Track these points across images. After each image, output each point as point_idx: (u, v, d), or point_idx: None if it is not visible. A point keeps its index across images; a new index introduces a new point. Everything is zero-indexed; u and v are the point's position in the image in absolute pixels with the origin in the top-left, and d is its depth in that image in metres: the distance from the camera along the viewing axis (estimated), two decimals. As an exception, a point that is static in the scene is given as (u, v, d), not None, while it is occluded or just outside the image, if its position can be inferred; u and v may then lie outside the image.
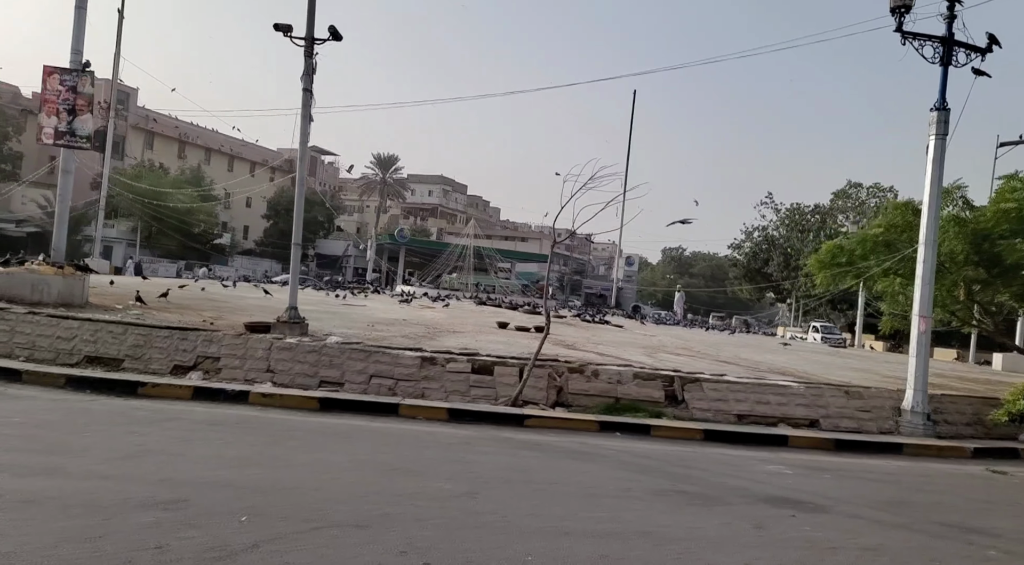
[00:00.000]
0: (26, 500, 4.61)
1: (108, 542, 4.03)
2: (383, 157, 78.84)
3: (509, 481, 6.33)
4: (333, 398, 9.37)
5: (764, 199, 59.97)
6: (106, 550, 3.91)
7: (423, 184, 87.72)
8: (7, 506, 4.48)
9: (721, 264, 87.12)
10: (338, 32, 11.34)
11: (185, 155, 61.94)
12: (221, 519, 4.59)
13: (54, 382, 9.24)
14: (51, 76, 13.29)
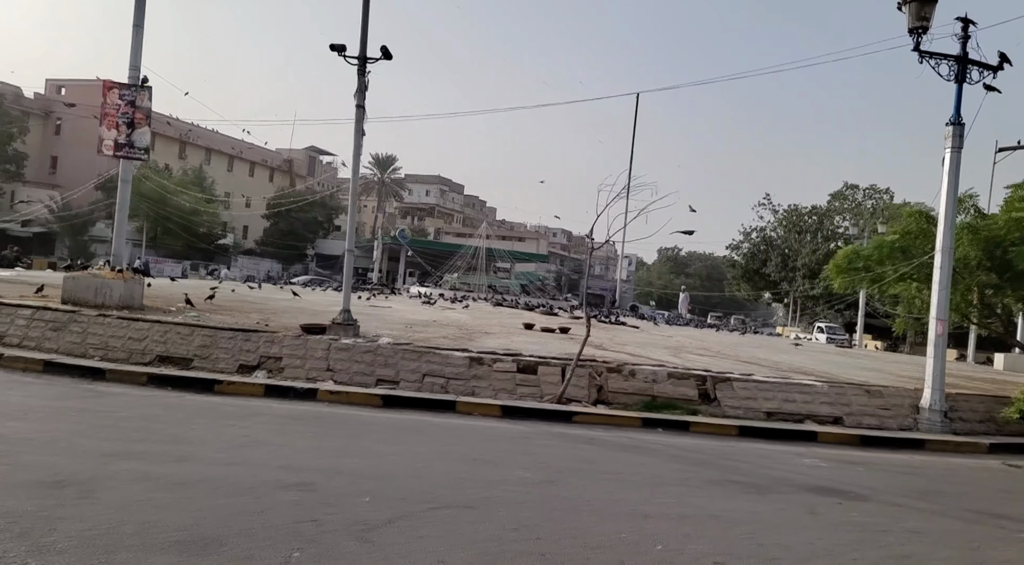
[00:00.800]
0: (179, 482, 5.19)
1: (270, 516, 4.60)
2: (382, 157, 79.07)
3: (579, 471, 6.90)
4: (395, 395, 9.94)
5: (762, 200, 60.56)
6: (273, 522, 4.49)
7: (420, 184, 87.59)
8: (166, 487, 5.05)
9: (717, 264, 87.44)
10: (389, 52, 11.91)
11: (186, 155, 61.94)
12: (349, 500, 5.16)
13: (136, 380, 9.80)
14: (111, 91, 13.85)
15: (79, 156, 52.61)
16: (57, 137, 54.99)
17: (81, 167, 52.13)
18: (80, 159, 52.47)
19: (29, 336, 11.43)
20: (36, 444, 5.95)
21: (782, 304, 64.27)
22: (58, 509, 4.39)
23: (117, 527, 4.18)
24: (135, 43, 13.89)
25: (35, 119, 52.96)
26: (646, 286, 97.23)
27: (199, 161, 61.60)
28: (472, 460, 6.94)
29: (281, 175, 73.08)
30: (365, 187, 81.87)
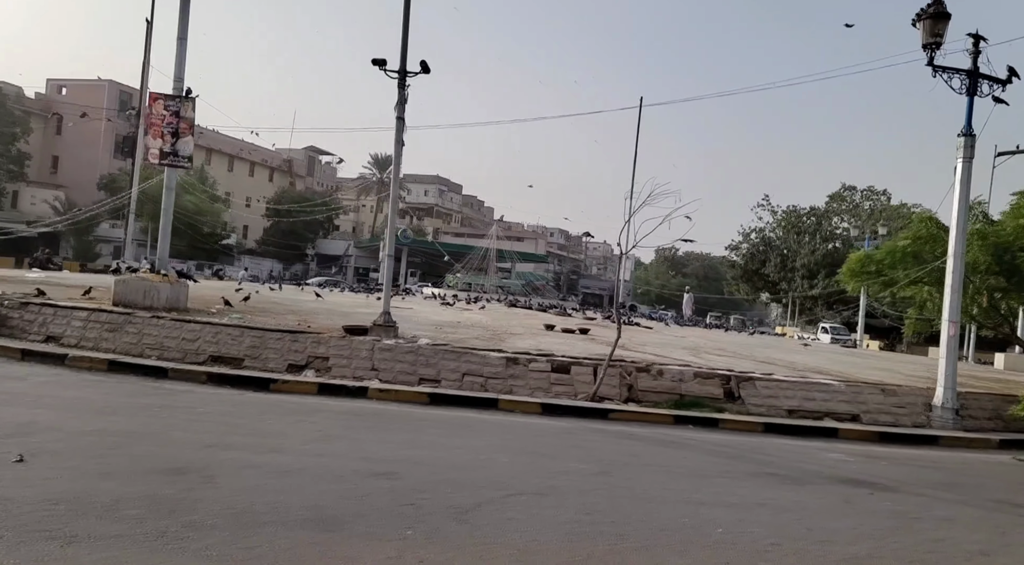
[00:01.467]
0: (283, 471, 5.68)
1: (372, 500, 5.10)
2: (381, 157, 79.29)
3: (628, 464, 7.38)
4: (440, 393, 10.43)
5: (761, 201, 60.93)
6: (377, 505, 4.99)
7: (419, 184, 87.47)
8: (273, 475, 5.54)
9: (714, 264, 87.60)
10: (427, 66, 12.40)
11: None
12: (433, 487, 5.64)
13: (197, 378, 10.30)
14: (156, 102, 14.35)
15: (80, 156, 53.13)
16: (58, 137, 55.00)
17: (82, 167, 52.59)
18: (81, 159, 53.03)
19: (86, 337, 11.92)
20: (139, 437, 6.44)
21: (780, 304, 64.67)
22: (191, 492, 4.89)
23: (249, 507, 4.67)
24: (179, 55, 14.38)
25: (36, 119, 52.84)
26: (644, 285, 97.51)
27: (200, 161, 61.94)
28: (528, 453, 7.42)
29: (281, 175, 73.04)
30: (364, 187, 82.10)
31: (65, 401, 7.88)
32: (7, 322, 12.50)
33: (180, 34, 14.39)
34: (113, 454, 5.75)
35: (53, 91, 55.86)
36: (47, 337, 12.01)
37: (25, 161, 50.02)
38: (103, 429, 6.61)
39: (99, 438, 6.24)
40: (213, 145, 63.91)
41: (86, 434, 6.33)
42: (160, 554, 3.81)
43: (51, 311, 12.49)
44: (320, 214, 64.74)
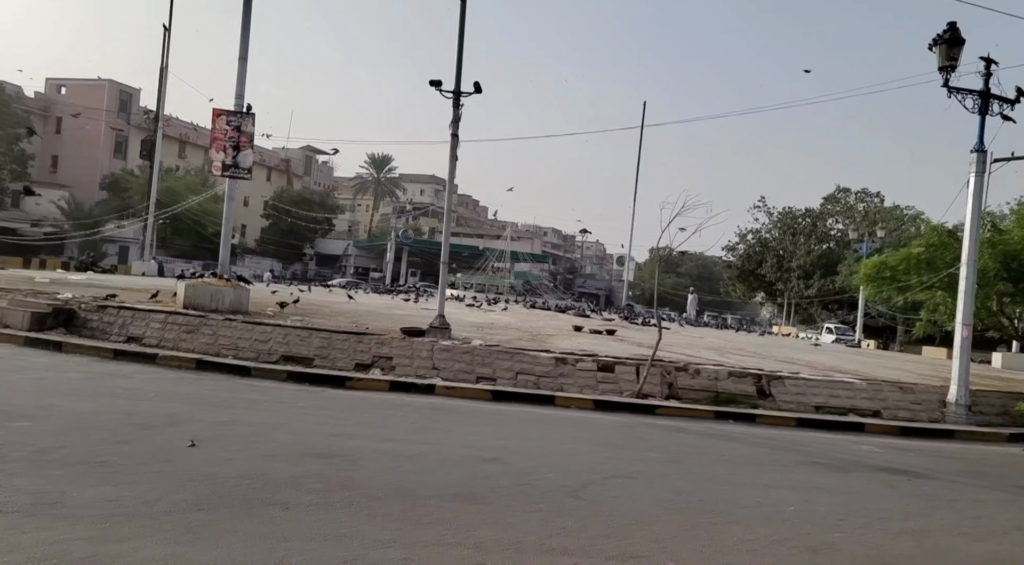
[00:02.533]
0: (407, 456, 6.45)
1: (494, 481, 5.88)
2: (378, 157, 79.13)
3: (690, 454, 8.16)
4: (501, 390, 11.20)
5: (757, 203, 61.54)
6: (500, 485, 5.77)
7: (415, 183, 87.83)
8: (401, 459, 6.31)
9: (708, 264, 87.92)
10: (480, 86, 13.16)
11: (185, 155, 61.67)
12: (538, 471, 6.41)
13: (277, 376, 11.06)
14: (219, 117, 15.11)
15: (80, 155, 52.85)
16: (58, 136, 54.62)
17: (82, 166, 52.45)
18: (81, 158, 52.78)
19: (166, 338, 12.68)
20: (267, 427, 7.21)
21: (775, 304, 65.30)
22: (346, 472, 5.66)
23: (401, 485, 5.44)
24: (240, 74, 15.13)
25: (36, 118, 52.58)
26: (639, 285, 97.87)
27: (199, 160, 60.79)
28: (601, 443, 8.20)
29: (278, 174, 72.78)
30: (361, 186, 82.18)
31: (185, 396, 8.64)
32: (88, 324, 13.25)
33: (241, 54, 15.14)
34: (259, 441, 6.52)
35: (53, 91, 55.56)
36: (128, 338, 12.76)
37: (29, 161, 49.86)
38: (234, 420, 7.38)
39: (237, 428, 7.00)
40: None
41: (224, 424, 7.10)
42: (359, 518, 4.58)
43: (129, 314, 13.24)
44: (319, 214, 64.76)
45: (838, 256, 51.72)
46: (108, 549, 3.68)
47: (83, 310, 13.52)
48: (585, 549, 4.44)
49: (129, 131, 57.17)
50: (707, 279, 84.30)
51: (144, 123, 59.16)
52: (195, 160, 61.35)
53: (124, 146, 56.74)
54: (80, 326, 13.22)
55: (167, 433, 6.46)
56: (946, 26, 13.52)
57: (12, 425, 6.16)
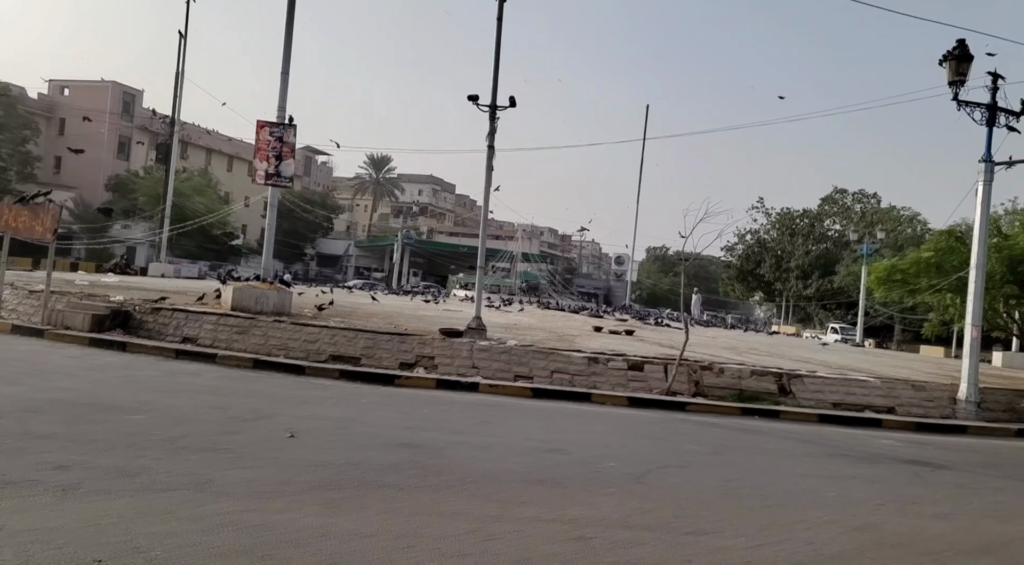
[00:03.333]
0: (481, 447, 7.03)
1: (563, 469, 6.43)
2: (377, 157, 78.91)
3: (728, 446, 8.71)
4: (541, 388, 11.75)
5: (755, 203, 62.00)
6: (570, 473, 6.33)
7: (413, 184, 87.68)
8: (476, 449, 6.88)
9: (704, 263, 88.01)
10: (514, 101, 13.72)
11: (187, 155, 61.32)
12: (598, 460, 6.97)
13: (330, 375, 11.62)
14: (263, 129, 15.67)
15: (83, 156, 51.17)
16: (61, 137, 54.11)
17: (86, 167, 52.21)
18: (85, 159, 51.57)
19: (219, 338, 13.24)
20: (346, 421, 7.77)
21: (773, 303, 65.71)
22: (434, 460, 6.23)
23: (486, 472, 6.00)
24: (282, 87, 15.71)
25: (39, 120, 52.58)
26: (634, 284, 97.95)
27: (200, 161, 60.79)
28: (645, 437, 8.76)
29: None
30: (360, 186, 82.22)
31: (259, 393, 9.20)
32: (144, 326, 13.82)
33: (283, 69, 15.72)
34: (345, 433, 7.09)
35: (56, 92, 55.50)
36: (183, 338, 13.33)
37: (36, 163, 49.80)
38: (313, 415, 7.94)
39: (320, 421, 7.56)
40: (213, 145, 62.95)
41: (307, 418, 7.65)
42: (462, 498, 5.14)
43: (183, 316, 13.81)
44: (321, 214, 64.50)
45: (836, 256, 52.21)
46: (272, 518, 4.25)
47: (138, 312, 14.08)
48: (663, 526, 5.00)
49: (132, 132, 57.19)
50: (704, 278, 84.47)
51: (149, 125, 58.60)
52: (197, 161, 61.20)
53: (127, 147, 56.73)
54: (136, 327, 13.78)
55: (262, 425, 7.03)
56: (955, 43, 14.10)
57: (129, 418, 6.72)
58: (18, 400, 7.06)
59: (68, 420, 6.40)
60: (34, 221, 14.32)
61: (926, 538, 5.41)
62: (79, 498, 4.31)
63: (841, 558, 4.66)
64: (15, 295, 15.71)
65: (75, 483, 4.56)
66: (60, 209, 14.29)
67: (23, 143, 48.90)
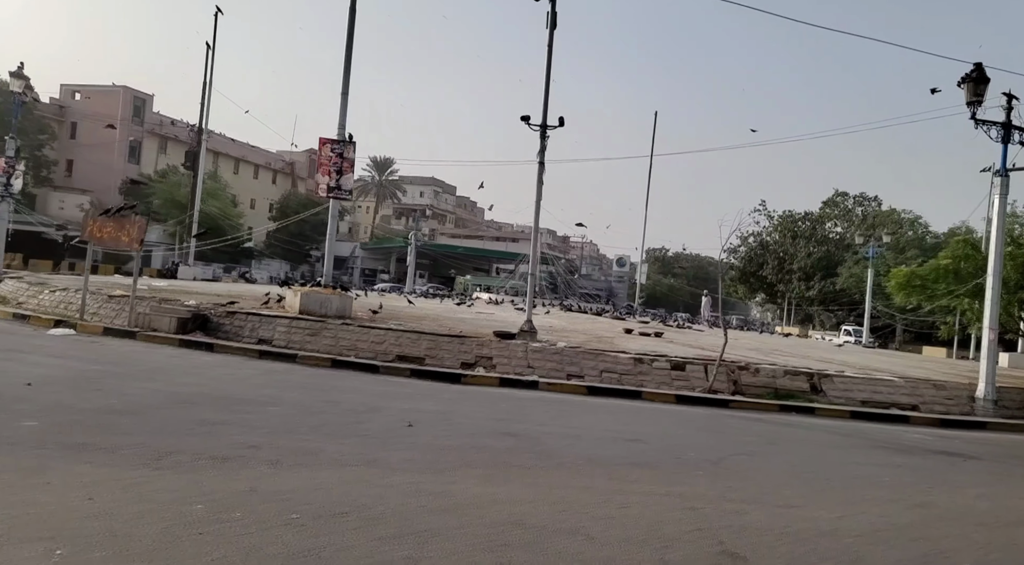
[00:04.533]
0: (572, 436, 7.83)
1: (647, 455, 7.26)
2: (380, 160, 79.24)
3: (780, 439, 9.49)
4: (594, 386, 12.55)
5: (758, 206, 62.40)
6: (658, 457, 7.15)
7: (414, 185, 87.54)
8: (567, 439, 7.68)
9: (703, 264, 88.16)
10: (563, 120, 14.54)
11: (218, 164, 62.08)
12: (675, 449, 7.78)
13: (402, 373, 12.44)
14: (325, 146, 16.55)
15: (95, 159, 52.71)
16: (73, 141, 54.66)
17: (97, 170, 52.51)
18: (96, 162, 52.67)
19: (292, 340, 14.09)
20: (445, 413, 8.59)
21: (775, 305, 66.04)
22: (537, 447, 7.04)
23: (589, 456, 6.80)
24: (342, 107, 16.57)
25: (51, 123, 52.63)
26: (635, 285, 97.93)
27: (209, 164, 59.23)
28: (704, 430, 9.54)
29: (284, 177, 72.52)
30: (363, 188, 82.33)
31: (354, 389, 10.02)
32: (221, 328, 14.68)
33: (343, 90, 16.58)
34: (451, 423, 7.93)
35: (67, 96, 55.93)
36: (259, 340, 14.18)
37: (52, 167, 50.32)
38: (414, 408, 8.74)
39: (423, 414, 8.36)
40: (220, 149, 63.07)
41: (410, 411, 8.44)
42: (582, 476, 5.95)
43: (257, 319, 14.67)
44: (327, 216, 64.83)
45: (838, 258, 52.70)
46: (447, 488, 5.07)
47: (215, 316, 14.94)
48: (755, 500, 5.79)
49: (143, 136, 57.51)
50: (703, 279, 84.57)
51: (158, 128, 59.01)
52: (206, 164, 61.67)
53: (138, 151, 57.11)
54: (215, 329, 14.65)
55: (379, 416, 7.85)
56: (973, 66, 14.85)
57: (268, 410, 7.56)
58: (165, 394, 7.91)
59: (223, 410, 7.25)
60: (120, 232, 15.22)
61: (974, 513, 6.19)
62: (288, 469, 5.15)
63: (911, 527, 5.45)
64: (95, 300, 16.58)
65: (275, 459, 5.39)
66: (146, 221, 15.14)
67: (40, 148, 49.29)
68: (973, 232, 51.26)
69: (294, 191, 70.92)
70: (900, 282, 17.36)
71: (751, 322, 66.75)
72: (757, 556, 4.30)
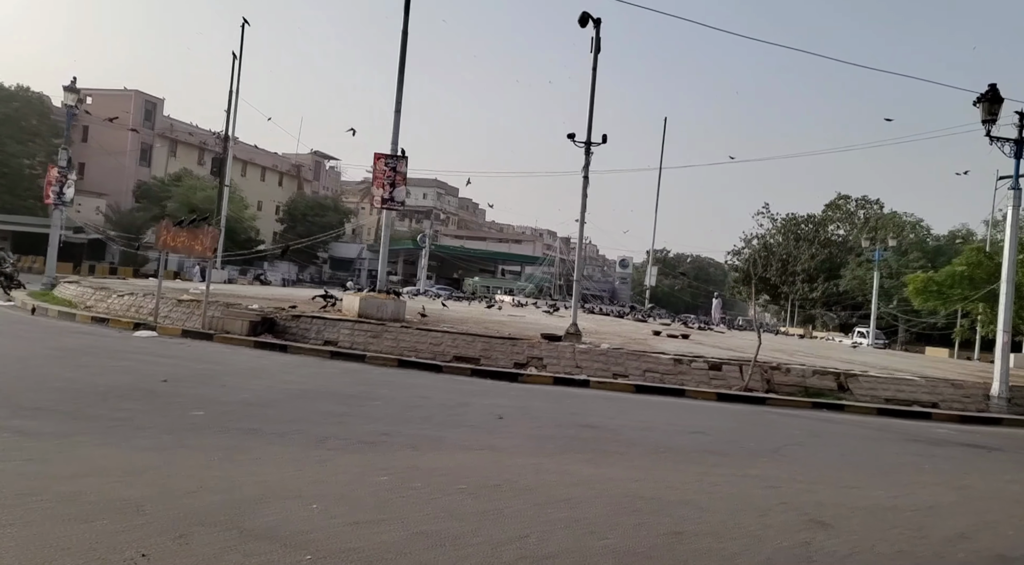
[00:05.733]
0: (642, 427, 8.64)
1: (718, 444, 8.02)
2: None
3: (821, 432, 10.26)
4: (641, 385, 13.34)
5: (761, 209, 62.86)
6: (727, 447, 7.90)
7: (418, 187, 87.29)
8: (637, 430, 8.48)
9: (704, 265, 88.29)
10: (606, 138, 15.36)
11: (205, 161, 61.82)
12: (735, 439, 8.56)
13: (463, 372, 13.25)
14: (379, 160, 17.42)
15: (107, 163, 53.24)
16: (84, 144, 55.00)
17: (109, 174, 53.28)
18: (108, 166, 53.31)
19: (356, 341, 14.94)
20: (522, 408, 9.39)
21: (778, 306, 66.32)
22: (620, 436, 7.83)
23: (668, 446, 7.61)
24: (395, 124, 17.45)
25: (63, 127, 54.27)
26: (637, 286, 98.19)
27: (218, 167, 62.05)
28: (753, 424, 10.32)
29: (289, 179, 72.84)
30: (367, 190, 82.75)
31: (432, 387, 10.84)
32: (288, 331, 15.56)
33: (396, 107, 17.44)
34: (533, 415, 8.75)
35: None
36: (325, 341, 15.04)
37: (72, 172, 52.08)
38: (494, 403, 9.56)
39: (505, 408, 9.17)
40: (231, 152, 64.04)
41: (493, 406, 9.27)
42: (669, 461, 6.76)
43: (321, 322, 15.54)
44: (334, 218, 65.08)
45: (840, 261, 53.16)
46: (564, 468, 5.89)
47: (280, 319, 15.82)
48: (820, 482, 6.58)
49: (154, 139, 58.18)
50: (703, 281, 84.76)
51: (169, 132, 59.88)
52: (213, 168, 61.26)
53: (149, 154, 57.66)
54: (282, 331, 15.52)
55: (470, 410, 8.69)
56: (988, 87, 15.58)
57: (372, 403, 8.41)
58: (279, 390, 8.77)
59: (337, 403, 8.10)
60: (193, 241, 16.13)
61: (1008, 494, 6.96)
62: (428, 452, 5.99)
63: (957, 505, 6.23)
64: (165, 304, 17.49)
65: (412, 444, 6.23)
66: (219, 232, 16.02)
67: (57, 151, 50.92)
68: (973, 235, 51.85)
69: (301, 193, 71.20)
70: (918, 287, 18.10)
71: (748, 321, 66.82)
72: (838, 524, 5.09)
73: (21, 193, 49.67)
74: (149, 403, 7.01)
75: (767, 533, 4.62)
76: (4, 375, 8.16)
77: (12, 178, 49.02)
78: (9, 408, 6.22)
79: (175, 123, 61.29)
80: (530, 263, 70.73)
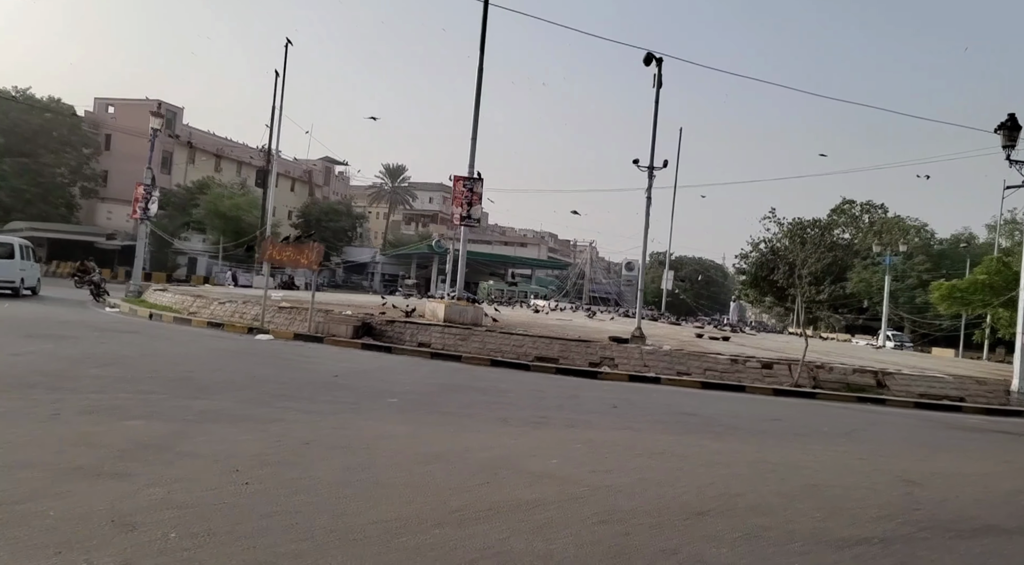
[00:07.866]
0: (731, 415, 9.96)
1: (794, 429, 9.33)
2: (392, 167, 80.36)
3: (876, 421, 11.52)
4: (707, 382, 14.67)
5: (768, 214, 63.29)
6: (803, 431, 9.22)
7: (425, 191, 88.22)
8: (727, 417, 9.80)
9: (706, 267, 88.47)
10: (667, 162, 16.73)
11: (221, 168, 62.36)
12: (810, 424, 9.89)
13: (547, 370, 14.63)
14: (458, 182, 18.89)
15: (129, 170, 52.22)
16: (108, 152, 55.02)
17: (131, 181, 51.79)
18: (130, 173, 51.94)
19: (446, 344, 16.39)
20: (627, 400, 10.74)
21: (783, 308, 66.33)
22: (716, 423, 9.17)
23: (759, 430, 8.94)
24: (472, 149, 18.90)
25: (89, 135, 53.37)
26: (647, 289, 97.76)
27: (232, 173, 61.35)
28: (814, 414, 11.60)
29: (301, 185, 73.23)
30: (377, 194, 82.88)
31: (534, 382, 12.22)
32: (384, 334, 17.04)
33: (472, 135, 18.91)
34: (638, 405, 10.13)
35: (101, 109, 56.59)
36: (419, 344, 16.50)
37: (98, 179, 52.44)
38: (599, 397, 10.93)
39: (613, 400, 10.55)
40: (243, 158, 62.64)
41: (599, 399, 10.63)
42: (762, 438, 8.10)
43: (414, 327, 17.01)
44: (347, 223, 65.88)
45: (846, 264, 53.77)
46: (699, 443, 7.26)
47: (377, 324, 17.33)
48: (895, 455, 7.90)
49: (174, 147, 58.56)
50: (705, 282, 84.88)
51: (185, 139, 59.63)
52: (229, 173, 62.44)
53: (169, 162, 58.05)
54: (379, 335, 17.01)
55: (583, 401, 10.08)
56: (1007, 116, 16.80)
57: (507, 395, 9.82)
58: (424, 383, 10.22)
59: (478, 393, 9.54)
60: (299, 255, 17.69)
61: (1047, 468, 8.25)
62: (584, 429, 7.38)
63: (1007, 473, 7.54)
64: (266, 311, 19.05)
65: (569, 423, 7.64)
66: (323, 248, 17.56)
67: (87, 161, 51.31)
68: (975, 238, 52.41)
69: (313, 199, 71.82)
70: (943, 294, 19.25)
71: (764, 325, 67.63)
72: (925, 482, 6.42)
73: (54, 201, 50.92)
74: (349, 393, 8.47)
75: (877, 486, 5.97)
76: (202, 370, 9.62)
77: (45, 187, 50.09)
78: (258, 392, 7.69)
79: (193, 131, 61.70)
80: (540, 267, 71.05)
